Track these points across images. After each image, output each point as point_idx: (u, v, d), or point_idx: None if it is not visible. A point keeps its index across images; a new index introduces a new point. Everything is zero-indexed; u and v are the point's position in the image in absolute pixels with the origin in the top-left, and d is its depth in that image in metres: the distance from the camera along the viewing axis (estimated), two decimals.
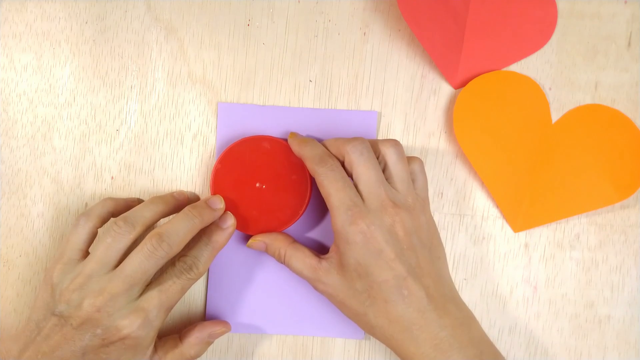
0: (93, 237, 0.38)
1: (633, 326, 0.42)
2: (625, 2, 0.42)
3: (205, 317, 0.42)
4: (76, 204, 0.43)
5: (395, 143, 0.38)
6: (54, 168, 0.43)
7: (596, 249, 0.42)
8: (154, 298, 0.36)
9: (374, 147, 0.38)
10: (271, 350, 0.42)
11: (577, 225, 0.42)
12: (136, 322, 0.35)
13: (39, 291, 0.37)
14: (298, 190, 0.40)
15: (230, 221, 0.39)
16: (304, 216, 0.42)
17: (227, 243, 0.39)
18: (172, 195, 0.40)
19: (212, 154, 0.43)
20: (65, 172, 0.43)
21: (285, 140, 0.40)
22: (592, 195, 0.41)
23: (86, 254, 0.38)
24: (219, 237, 0.38)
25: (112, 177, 0.43)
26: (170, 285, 0.37)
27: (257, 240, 0.40)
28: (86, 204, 0.43)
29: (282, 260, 0.39)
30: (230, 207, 0.40)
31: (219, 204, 0.39)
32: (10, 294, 0.43)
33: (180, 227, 0.36)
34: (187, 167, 0.43)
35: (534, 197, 0.41)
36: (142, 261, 0.35)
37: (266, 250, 0.40)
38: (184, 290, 0.37)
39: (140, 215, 0.37)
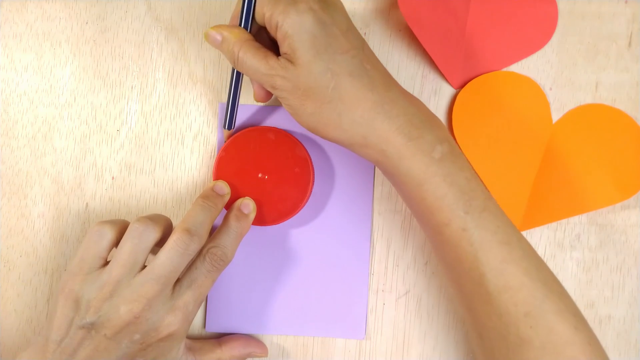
0: (114, 246, 0.36)
1: (633, 326, 0.42)
2: (626, 2, 0.42)
3: (205, 317, 0.42)
4: (77, 204, 0.43)
5: None
6: (55, 168, 0.43)
7: (597, 249, 0.42)
8: (188, 294, 0.36)
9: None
10: (271, 350, 0.42)
11: (578, 225, 0.42)
12: (175, 322, 0.35)
13: (55, 308, 0.35)
14: (300, 184, 0.40)
15: (252, 205, 0.39)
16: (303, 210, 0.41)
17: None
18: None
19: (212, 154, 0.43)
20: (65, 172, 0.43)
21: (291, 132, 0.41)
22: (593, 195, 0.41)
23: (106, 261, 0.36)
24: (243, 223, 0.38)
25: (113, 178, 0.43)
26: (204, 280, 0.36)
27: (215, 30, 0.36)
28: (87, 204, 0.43)
29: (235, 57, 0.35)
30: (231, 195, 0.40)
31: (225, 188, 0.39)
32: (11, 295, 0.43)
33: (202, 219, 0.36)
34: (188, 168, 0.43)
35: (534, 197, 0.41)
36: (174, 258, 0.35)
37: (220, 47, 0.36)
38: (214, 281, 0.37)
39: (159, 218, 0.37)
